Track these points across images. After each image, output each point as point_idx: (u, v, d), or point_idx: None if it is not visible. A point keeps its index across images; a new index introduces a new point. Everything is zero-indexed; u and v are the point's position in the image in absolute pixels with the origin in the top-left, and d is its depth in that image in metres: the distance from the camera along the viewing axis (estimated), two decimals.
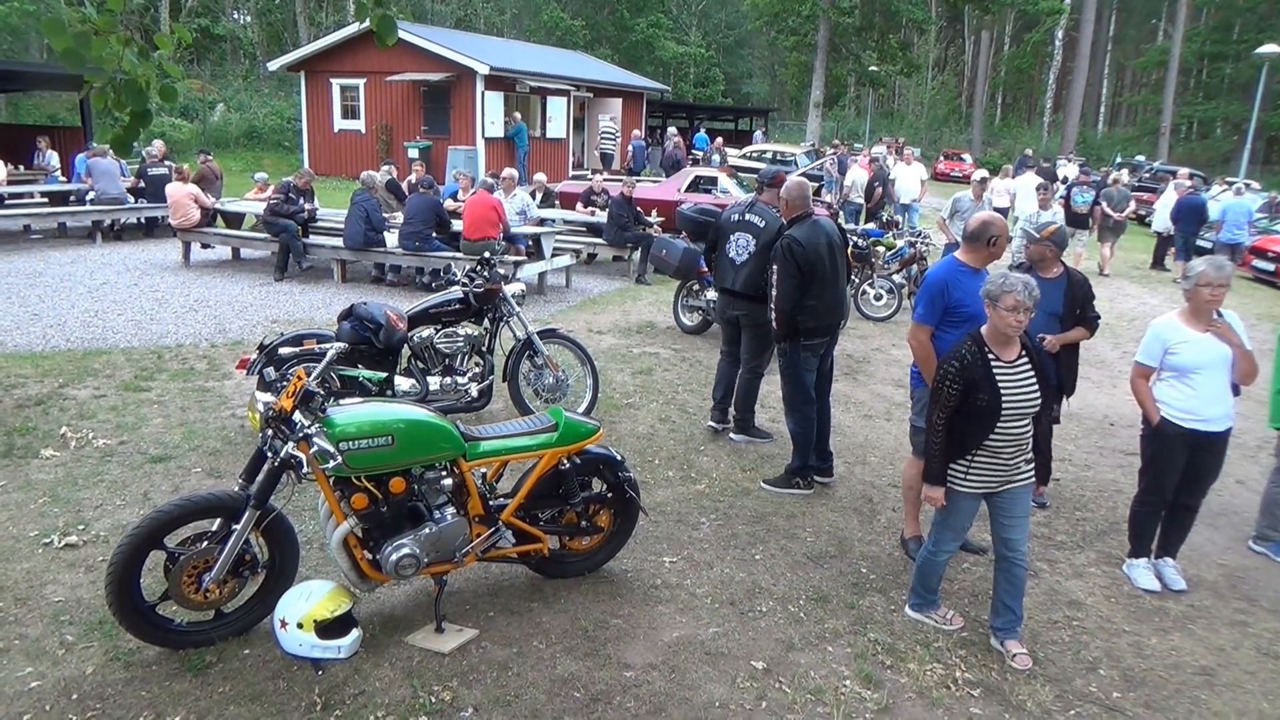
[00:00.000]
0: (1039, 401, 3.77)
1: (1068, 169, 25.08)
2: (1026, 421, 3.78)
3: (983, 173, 13.30)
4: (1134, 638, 4.22)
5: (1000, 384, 3.69)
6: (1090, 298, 5.32)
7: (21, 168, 16.32)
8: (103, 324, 8.83)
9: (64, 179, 15.94)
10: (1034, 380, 3.76)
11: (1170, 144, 44.71)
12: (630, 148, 24.71)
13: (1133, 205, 16.36)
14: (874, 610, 4.28)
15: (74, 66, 3.21)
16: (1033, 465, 3.91)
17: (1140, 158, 35.79)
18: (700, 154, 25.37)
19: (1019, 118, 58.60)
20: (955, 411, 3.75)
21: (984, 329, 3.81)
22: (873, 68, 39.93)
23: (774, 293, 5.44)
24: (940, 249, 12.97)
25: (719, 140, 26.51)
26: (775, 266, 5.41)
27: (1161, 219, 16.77)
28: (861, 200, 16.88)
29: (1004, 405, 3.68)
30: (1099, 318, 5.42)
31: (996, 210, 18.15)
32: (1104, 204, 15.20)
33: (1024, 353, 3.80)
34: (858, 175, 17.13)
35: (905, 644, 3.99)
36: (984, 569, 4.76)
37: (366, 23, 3.81)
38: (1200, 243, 15.96)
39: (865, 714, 3.51)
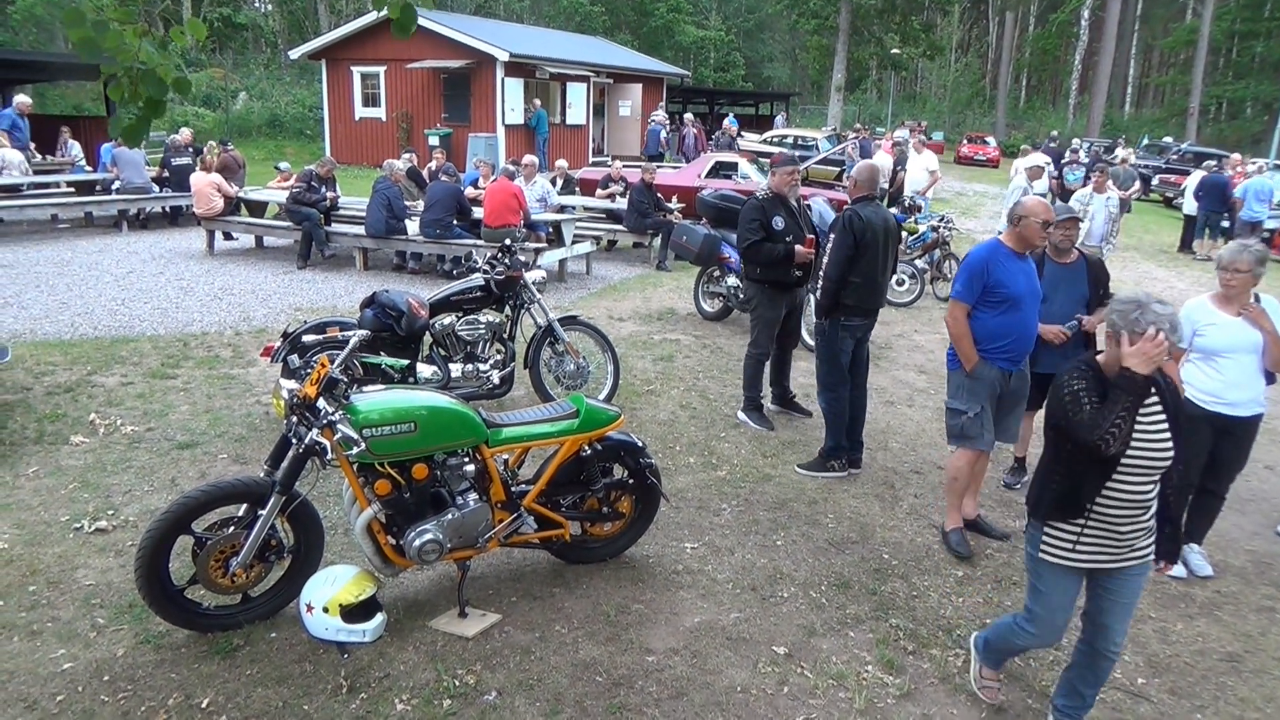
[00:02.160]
0: (1170, 457, 2.98)
1: (1123, 151, 25.08)
2: (1150, 482, 2.99)
3: (1038, 158, 13.29)
4: (1159, 624, 4.19)
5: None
6: (1108, 277, 5.33)
7: (49, 157, 16.49)
8: (129, 312, 8.93)
9: (90, 168, 16.10)
10: (1165, 430, 2.97)
11: (1199, 125, 44.00)
12: (647, 131, 24.71)
13: (1137, 185, 17.26)
14: (896, 596, 4.28)
15: (90, 57, 3.22)
16: (1154, 539, 3.13)
17: (1168, 139, 35.24)
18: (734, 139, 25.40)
19: (1044, 100, 57.86)
20: (1068, 453, 2.99)
21: (1101, 358, 3.04)
22: (895, 50, 39.51)
23: (825, 261, 5.47)
24: (965, 234, 12.88)
25: (726, 123, 26.32)
26: (832, 237, 5.46)
27: (1191, 201, 16.71)
28: (885, 184, 16.83)
29: (1125, 455, 2.92)
30: (1111, 297, 5.38)
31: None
32: (1110, 182, 15.69)
33: (1154, 393, 2.98)
34: (881, 160, 17.02)
35: (928, 630, 3.99)
36: (1008, 554, 4.73)
37: (385, 10, 3.80)
38: (1224, 223, 16.19)
39: (887, 700, 3.51)
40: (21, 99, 15.21)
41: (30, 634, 3.65)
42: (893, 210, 13.19)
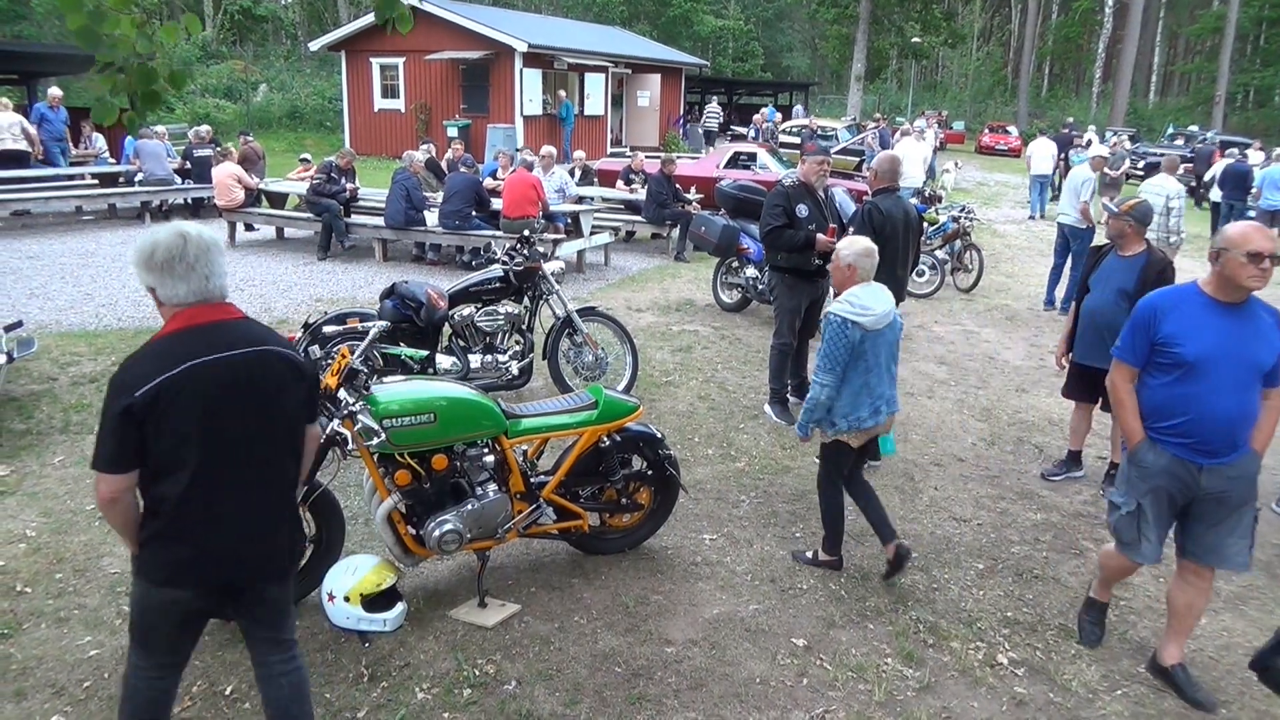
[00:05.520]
0: None
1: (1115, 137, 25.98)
2: None
3: (1102, 149, 13.19)
4: None
5: None
6: (1167, 280, 4.96)
7: (74, 149, 16.67)
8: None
9: (113, 161, 16.25)
10: None
11: (1225, 113, 43.32)
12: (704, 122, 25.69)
13: (1127, 163, 20.06)
14: (916, 588, 4.26)
15: (89, 46, 3.20)
16: None
17: (1194, 128, 34.75)
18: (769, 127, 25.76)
19: (1066, 88, 57.23)
20: None
21: None
22: (916, 39, 39.10)
23: None
24: (985, 224, 12.71)
25: (764, 113, 26.54)
26: (851, 230, 5.42)
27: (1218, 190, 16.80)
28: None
29: None
30: None
31: (1038, 177, 18.68)
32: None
33: None
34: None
35: (947, 622, 3.97)
36: (1030, 547, 4.70)
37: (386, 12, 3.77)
38: (1249, 212, 16.21)
39: (906, 692, 3.50)
40: (54, 91, 15.39)
41: (57, 621, 3.70)
42: (913, 200, 13.13)
